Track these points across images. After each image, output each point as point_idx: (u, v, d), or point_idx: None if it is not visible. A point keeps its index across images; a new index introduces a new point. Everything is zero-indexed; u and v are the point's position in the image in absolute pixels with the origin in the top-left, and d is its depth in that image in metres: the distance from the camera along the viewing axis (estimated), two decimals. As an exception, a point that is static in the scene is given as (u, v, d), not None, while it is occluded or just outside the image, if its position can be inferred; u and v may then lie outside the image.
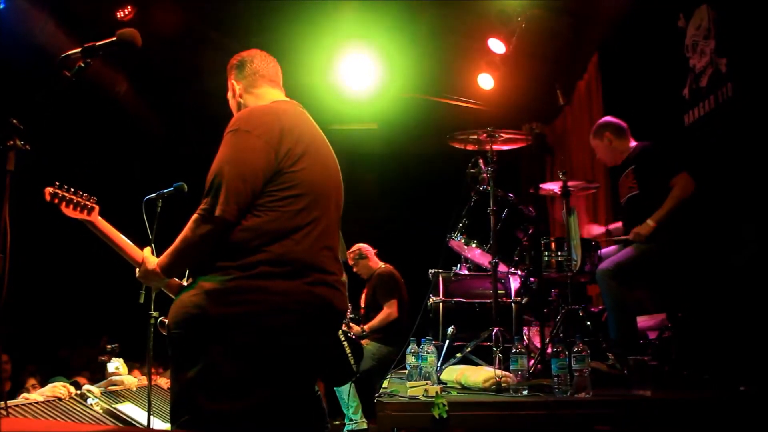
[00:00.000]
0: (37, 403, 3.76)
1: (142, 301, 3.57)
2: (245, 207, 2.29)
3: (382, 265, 6.45)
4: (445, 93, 7.38)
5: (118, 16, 6.32)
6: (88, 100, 5.66)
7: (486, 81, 7.36)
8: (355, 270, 6.46)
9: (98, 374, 5.02)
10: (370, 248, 6.57)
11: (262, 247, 2.27)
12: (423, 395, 3.11)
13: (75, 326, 7.10)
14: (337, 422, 5.94)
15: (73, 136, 6.30)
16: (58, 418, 3.65)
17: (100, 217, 2.70)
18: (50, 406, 3.78)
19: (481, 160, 4.42)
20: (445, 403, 2.89)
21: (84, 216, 2.65)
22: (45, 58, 5.40)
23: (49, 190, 2.60)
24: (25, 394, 4.11)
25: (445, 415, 2.86)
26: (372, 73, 7.24)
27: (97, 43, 2.40)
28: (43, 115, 2.36)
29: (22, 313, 6.08)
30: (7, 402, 3.42)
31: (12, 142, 2.74)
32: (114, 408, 4.11)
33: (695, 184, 4.10)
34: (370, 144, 8.22)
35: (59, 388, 3.94)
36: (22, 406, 3.61)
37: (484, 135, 4.24)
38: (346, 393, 5.82)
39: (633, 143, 4.46)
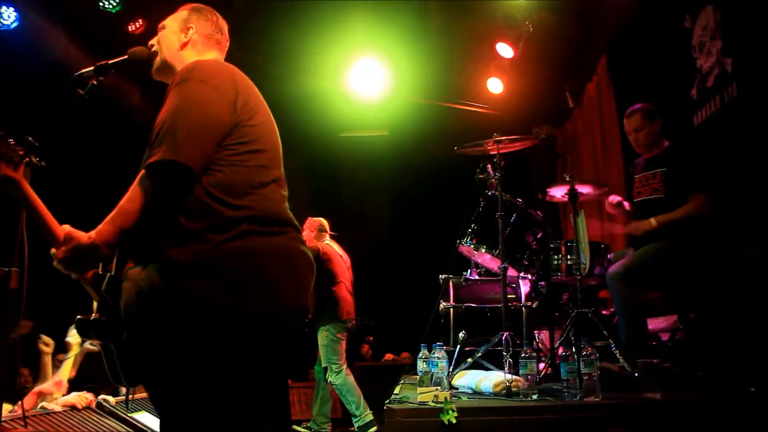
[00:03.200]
0: (54, 413, 3.83)
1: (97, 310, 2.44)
2: (208, 158, 1.97)
3: (321, 243, 6.36)
4: (455, 98, 7.42)
5: (130, 29, 6.43)
6: (103, 113, 5.73)
7: (495, 85, 7.41)
8: None
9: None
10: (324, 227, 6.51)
11: (235, 203, 1.97)
12: (433, 401, 3.14)
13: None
14: (352, 428, 5.98)
15: (87, 150, 6.38)
16: (75, 428, 3.71)
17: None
18: (67, 416, 3.84)
19: (489, 165, 4.44)
20: (455, 408, 2.91)
21: (9, 172, 2.14)
22: (59, 74, 5.51)
23: None
24: (43, 404, 4.17)
25: (454, 421, 2.89)
26: (382, 80, 7.29)
27: (109, 62, 2.41)
28: (58, 132, 2.41)
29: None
30: (25, 412, 3.48)
31: (27, 159, 2.82)
32: (130, 417, 4.16)
33: (710, 206, 4.05)
34: (380, 150, 8.27)
35: (76, 397, 4.01)
36: (40, 416, 3.67)
37: (492, 142, 4.26)
38: (342, 391, 5.88)
39: (665, 142, 4.40)
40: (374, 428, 5.72)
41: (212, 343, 1.91)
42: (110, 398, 4.29)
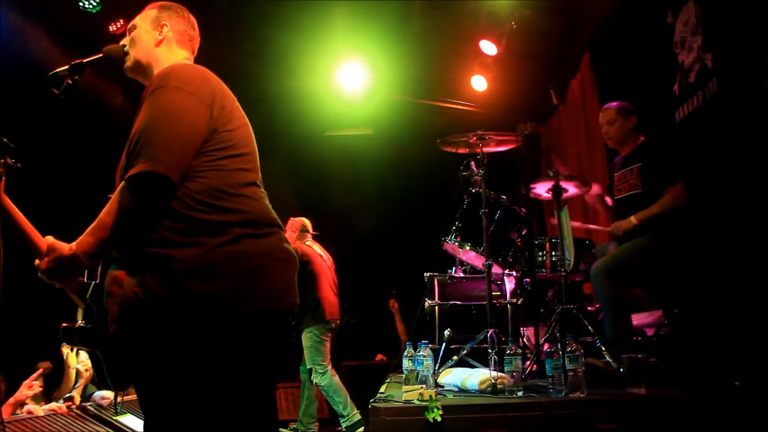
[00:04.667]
0: (37, 417, 3.79)
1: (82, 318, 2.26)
2: (187, 166, 1.95)
3: (302, 244, 6.34)
4: (439, 96, 7.41)
5: (111, 29, 6.37)
6: (85, 115, 5.68)
7: (479, 83, 7.40)
8: None
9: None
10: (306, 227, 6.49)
11: (223, 206, 1.97)
12: (418, 399, 3.14)
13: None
14: (339, 428, 5.97)
15: (68, 151, 6.32)
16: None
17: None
18: (51, 421, 3.81)
19: (472, 163, 4.44)
20: (440, 406, 2.91)
21: None
22: (40, 75, 5.44)
23: None
24: (28, 407, 4.14)
25: (439, 419, 2.88)
26: (365, 79, 7.28)
27: (84, 60, 2.38)
28: (34, 131, 2.38)
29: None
30: (4, 418, 3.45)
31: (3, 161, 2.78)
32: (114, 420, 4.13)
33: (687, 195, 4.08)
34: (365, 149, 8.26)
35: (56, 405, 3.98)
36: (23, 422, 3.64)
37: (475, 138, 4.26)
38: (329, 392, 5.87)
39: (640, 138, 4.42)
40: (362, 428, 5.71)
41: (215, 347, 1.91)
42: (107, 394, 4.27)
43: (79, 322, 2.05)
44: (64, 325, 2.06)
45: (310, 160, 8.09)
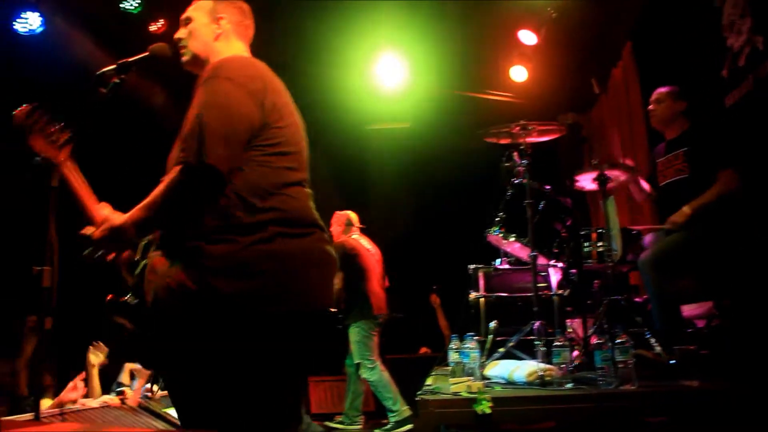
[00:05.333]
0: (91, 409, 3.88)
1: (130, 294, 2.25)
2: (235, 159, 1.99)
3: (348, 237, 6.32)
4: (478, 88, 7.35)
5: (152, 29, 6.47)
6: (128, 113, 5.78)
7: (519, 73, 7.32)
8: None
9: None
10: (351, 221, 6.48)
11: (261, 205, 1.98)
12: (466, 391, 3.12)
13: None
14: (385, 421, 5.97)
15: (115, 150, 6.44)
16: (111, 424, 3.75)
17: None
18: (103, 413, 3.89)
19: (515, 153, 4.40)
20: (489, 398, 2.89)
21: (53, 154, 2.25)
22: (84, 77, 5.56)
23: (20, 113, 2.24)
24: (82, 400, 4.23)
25: (488, 411, 2.86)
26: (404, 72, 7.25)
27: (130, 59, 2.41)
28: (83, 130, 2.42)
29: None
30: (63, 409, 3.54)
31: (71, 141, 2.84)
32: (164, 412, 4.20)
33: (740, 182, 3.97)
34: (403, 142, 8.23)
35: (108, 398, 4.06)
36: (77, 413, 3.72)
37: (518, 128, 4.22)
38: (378, 387, 5.86)
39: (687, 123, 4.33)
40: (411, 425, 5.67)
41: (237, 343, 1.92)
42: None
43: (128, 297, 2.11)
44: (110, 297, 2.12)
45: (351, 154, 8.10)
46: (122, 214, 2.02)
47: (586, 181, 4.26)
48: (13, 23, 5.79)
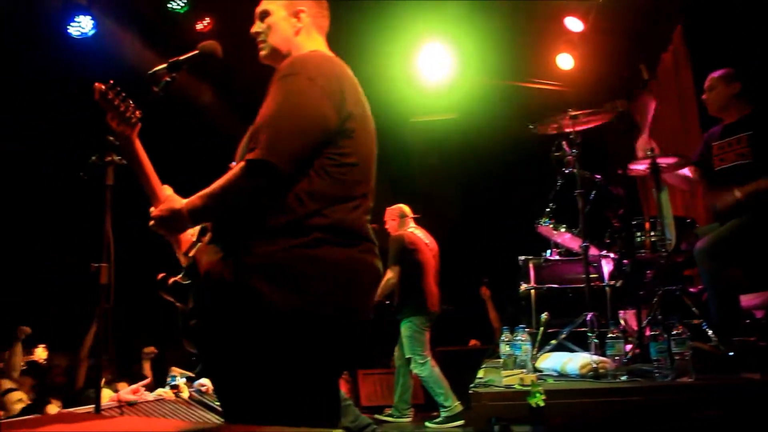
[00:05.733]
0: (146, 402, 3.97)
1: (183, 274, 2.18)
2: (301, 163, 1.96)
3: (406, 230, 6.25)
4: (524, 77, 7.26)
5: (198, 28, 6.57)
6: (177, 111, 5.89)
7: (565, 61, 7.21)
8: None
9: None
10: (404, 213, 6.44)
11: (317, 211, 1.96)
12: (518, 384, 3.09)
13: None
14: (435, 413, 5.96)
15: (163, 148, 6.56)
16: (167, 417, 3.84)
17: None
18: (159, 406, 3.99)
19: (564, 143, 4.33)
20: (542, 391, 2.85)
21: (127, 131, 2.31)
22: (136, 77, 5.69)
23: (101, 87, 2.27)
24: (140, 393, 4.33)
25: (542, 404, 2.83)
26: (449, 63, 7.20)
27: (181, 57, 2.43)
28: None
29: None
30: (122, 401, 3.64)
31: (110, 158, 2.92)
32: (217, 405, 4.27)
33: None
34: (450, 134, 8.18)
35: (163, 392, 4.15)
36: (134, 405, 3.82)
37: (567, 117, 4.15)
38: (429, 383, 5.84)
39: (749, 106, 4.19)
40: (461, 420, 5.65)
41: (266, 342, 1.92)
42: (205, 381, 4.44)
43: (179, 277, 2.14)
44: (162, 275, 2.16)
45: (396, 147, 8.09)
46: (181, 199, 2.05)
47: (640, 167, 4.17)
48: (67, 27, 5.95)
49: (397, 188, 7.56)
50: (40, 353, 7.92)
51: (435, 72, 7.24)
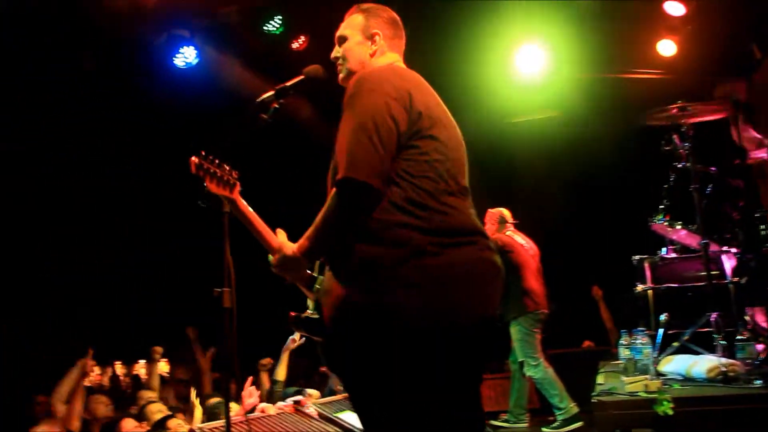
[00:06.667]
0: (269, 416, 4.11)
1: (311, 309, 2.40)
2: (386, 173, 2.00)
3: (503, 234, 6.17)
4: (624, 68, 7.01)
5: (294, 47, 6.74)
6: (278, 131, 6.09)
7: (667, 47, 6.92)
8: None
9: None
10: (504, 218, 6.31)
11: (421, 215, 1.98)
12: (643, 391, 2.99)
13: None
14: (551, 418, 5.84)
15: (267, 169, 6.77)
16: (288, 429, 3.96)
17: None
18: (281, 419, 4.11)
19: (675, 136, 4.16)
20: (669, 398, 2.75)
21: (227, 193, 2.43)
22: (240, 102, 5.95)
23: (195, 160, 2.36)
24: (261, 406, 4.49)
25: (670, 412, 2.72)
26: (544, 59, 7.06)
27: (287, 84, 2.51)
28: (241, 155, 2.56)
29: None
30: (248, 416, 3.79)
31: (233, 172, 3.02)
32: (335, 417, 4.36)
33: None
34: (551, 132, 8.01)
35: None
36: (258, 420, 3.96)
37: (676, 109, 3.98)
38: (544, 384, 5.72)
39: None
40: (580, 423, 5.51)
41: (406, 355, 1.94)
42: (314, 392, 4.55)
43: (308, 312, 2.24)
44: (292, 314, 2.26)
45: (495, 148, 8.01)
46: (292, 244, 2.15)
47: (763, 156, 3.95)
48: (173, 59, 6.25)
49: (499, 191, 7.49)
50: (163, 367, 8.41)
51: (532, 71, 7.12)
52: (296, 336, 5.18)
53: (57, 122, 6.14)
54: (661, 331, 3.98)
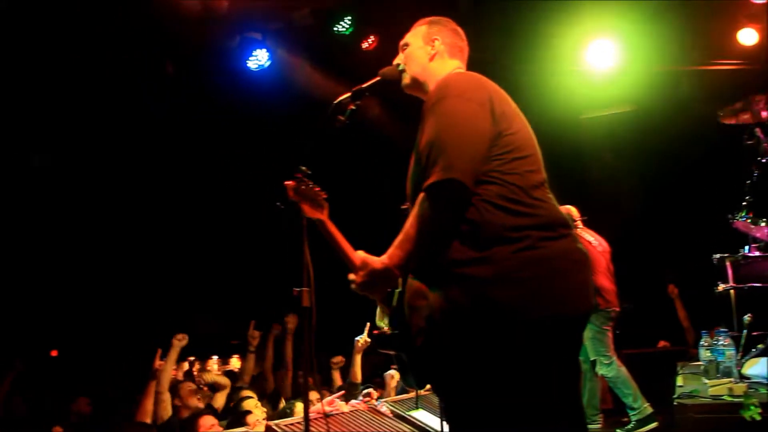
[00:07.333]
0: (343, 413, 4.18)
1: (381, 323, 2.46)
2: (479, 171, 2.01)
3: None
4: (703, 59, 6.79)
5: (364, 47, 6.80)
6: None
7: (748, 36, 6.68)
8: None
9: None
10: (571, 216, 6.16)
11: (520, 210, 2.00)
12: (728, 395, 2.90)
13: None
14: (625, 419, 5.72)
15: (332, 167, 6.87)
16: (362, 427, 4.01)
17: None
18: (355, 416, 4.17)
19: (758, 130, 4.02)
20: (757, 403, 2.66)
21: (319, 215, 2.48)
22: (311, 102, 6.06)
23: (292, 185, 2.44)
24: (335, 405, 4.56)
25: (758, 417, 2.64)
26: (618, 54, 6.91)
27: (363, 85, 2.53)
28: (319, 158, 2.61)
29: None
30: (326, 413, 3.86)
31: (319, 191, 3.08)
32: (408, 415, 4.39)
33: None
34: (625, 127, 7.85)
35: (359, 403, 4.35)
36: (333, 417, 4.03)
37: (762, 102, 3.84)
38: (617, 383, 5.60)
39: None
40: (654, 423, 5.38)
41: (518, 350, 1.94)
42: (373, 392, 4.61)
43: (385, 328, 2.24)
44: (375, 332, 2.28)
45: (567, 145, 7.88)
46: (378, 258, 2.11)
47: None
48: (246, 62, 6.42)
49: (571, 188, 7.38)
50: (235, 363, 8.66)
51: (604, 65, 6.98)
52: (362, 337, 5.19)
53: (139, 125, 6.42)
54: (744, 332, 3.86)
